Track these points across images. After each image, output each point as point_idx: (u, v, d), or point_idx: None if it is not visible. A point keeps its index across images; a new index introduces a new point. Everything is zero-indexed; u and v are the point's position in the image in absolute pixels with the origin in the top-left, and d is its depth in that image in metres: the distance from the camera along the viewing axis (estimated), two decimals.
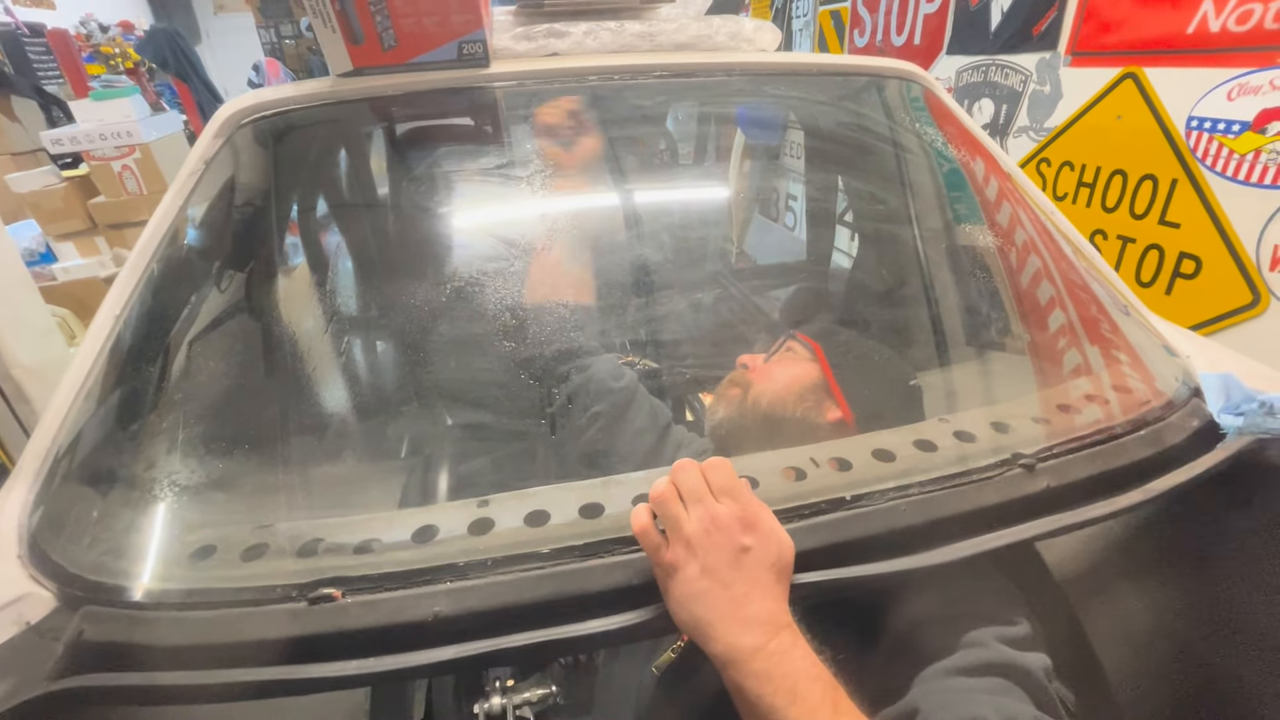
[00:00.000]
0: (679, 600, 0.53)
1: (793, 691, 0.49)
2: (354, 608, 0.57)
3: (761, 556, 0.54)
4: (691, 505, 0.55)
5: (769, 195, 3.74)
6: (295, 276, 1.06)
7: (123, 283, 0.87)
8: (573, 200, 1.19)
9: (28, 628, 0.60)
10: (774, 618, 0.52)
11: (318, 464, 0.80)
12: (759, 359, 0.95)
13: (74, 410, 0.77)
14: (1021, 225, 1.19)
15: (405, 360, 0.89)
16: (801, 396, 0.89)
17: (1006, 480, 0.69)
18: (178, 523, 0.69)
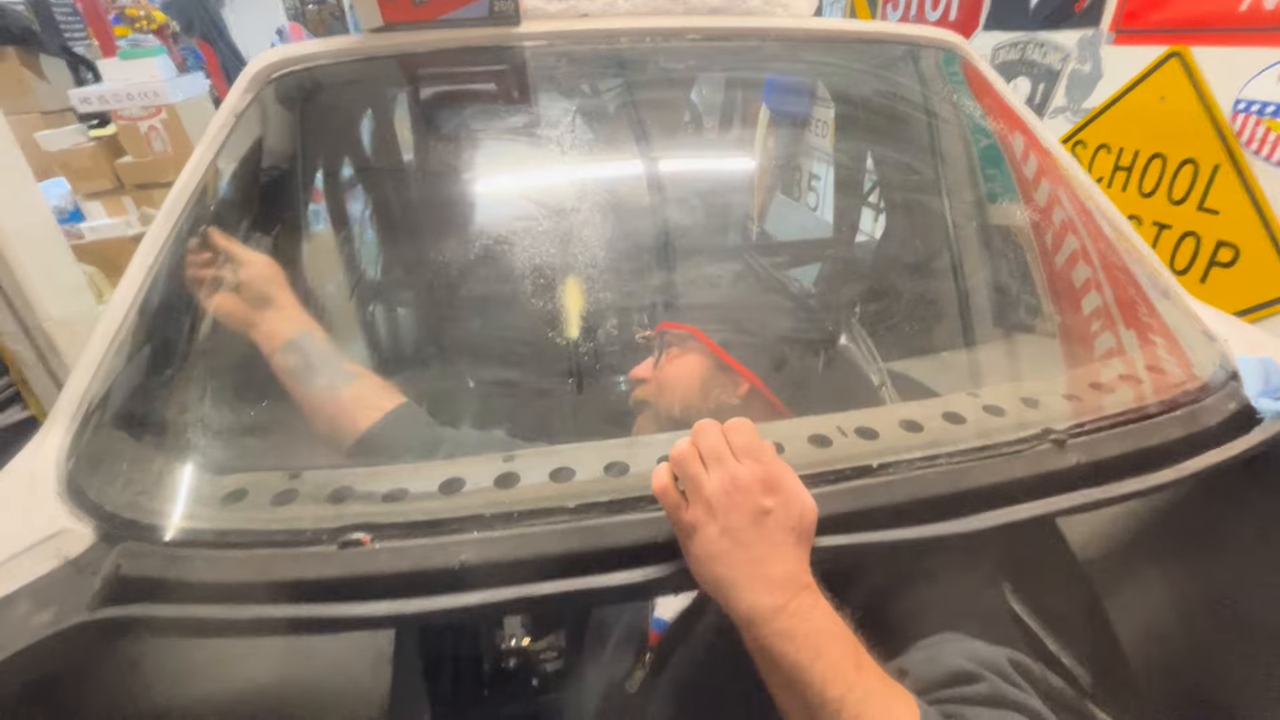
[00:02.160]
0: (700, 560, 0.54)
1: (816, 649, 0.49)
2: (382, 553, 0.58)
3: (783, 518, 0.54)
4: (712, 465, 0.55)
5: (792, 173, 3.68)
6: (324, 233, 1.06)
7: (155, 233, 0.88)
8: (596, 165, 1.18)
9: (66, 562, 0.62)
10: (795, 578, 0.52)
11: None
12: (648, 366, 0.89)
13: (108, 357, 0.79)
14: (1060, 204, 1.16)
15: (434, 317, 0.89)
16: (705, 387, 0.85)
17: (1036, 455, 0.68)
18: (209, 467, 0.70)
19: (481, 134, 1.19)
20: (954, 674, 0.55)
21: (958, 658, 0.56)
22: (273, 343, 0.81)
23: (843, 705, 0.47)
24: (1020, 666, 0.57)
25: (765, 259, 1.79)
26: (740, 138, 2.73)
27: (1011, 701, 0.53)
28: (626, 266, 0.98)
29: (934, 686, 0.55)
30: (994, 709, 0.53)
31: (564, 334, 0.85)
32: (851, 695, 0.48)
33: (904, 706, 0.49)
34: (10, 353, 1.83)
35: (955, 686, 0.54)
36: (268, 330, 0.81)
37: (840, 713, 0.47)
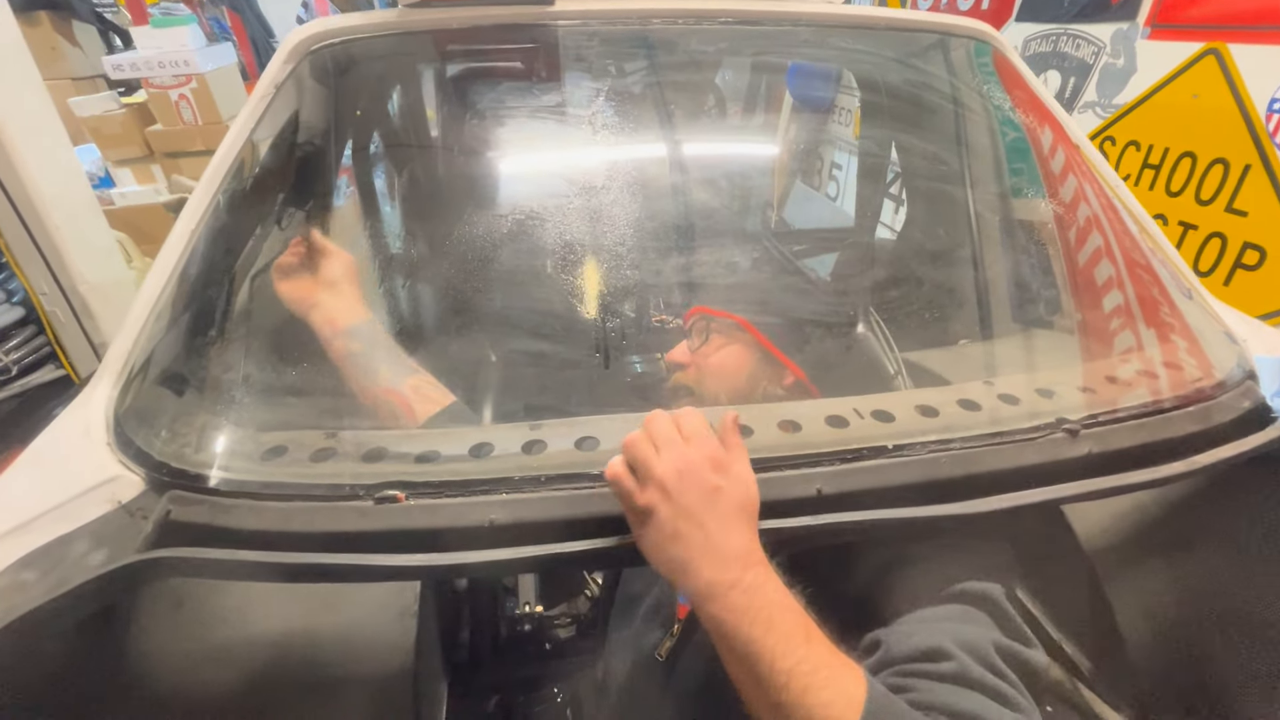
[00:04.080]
0: (656, 544, 0.55)
1: (768, 621, 0.51)
2: (416, 510, 0.61)
3: (731, 496, 0.55)
4: (663, 449, 0.56)
5: (813, 162, 3.65)
6: (358, 207, 1.09)
7: (199, 196, 0.91)
8: (622, 146, 1.19)
9: (119, 506, 0.66)
10: (747, 554, 0.54)
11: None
12: (684, 352, 0.90)
13: (152, 316, 0.82)
14: (1086, 201, 1.16)
15: (464, 290, 0.92)
16: (754, 379, 0.87)
17: (1049, 443, 0.70)
18: (250, 424, 0.74)
19: (512, 111, 1.21)
20: (926, 650, 0.55)
21: (937, 636, 0.56)
22: (335, 326, 0.84)
23: (791, 677, 0.49)
24: (1007, 653, 0.57)
25: (786, 246, 1.80)
26: (763, 123, 2.72)
27: (976, 682, 0.53)
28: (650, 246, 1.00)
29: (903, 660, 0.56)
30: (954, 687, 0.53)
31: (589, 310, 0.87)
32: (800, 667, 0.49)
33: (853, 679, 0.50)
34: (47, 313, 1.88)
35: (924, 662, 0.55)
36: (331, 315, 0.85)
37: (788, 685, 0.49)
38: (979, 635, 0.57)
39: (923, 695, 0.52)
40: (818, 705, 0.48)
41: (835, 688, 0.49)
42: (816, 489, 0.64)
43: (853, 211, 2.07)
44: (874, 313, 1.34)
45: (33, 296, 1.87)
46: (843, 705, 0.48)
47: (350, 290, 0.88)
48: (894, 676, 0.55)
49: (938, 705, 0.51)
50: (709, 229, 1.21)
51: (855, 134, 3.10)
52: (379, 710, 0.72)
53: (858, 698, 0.49)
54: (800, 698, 0.48)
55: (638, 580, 0.93)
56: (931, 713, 0.51)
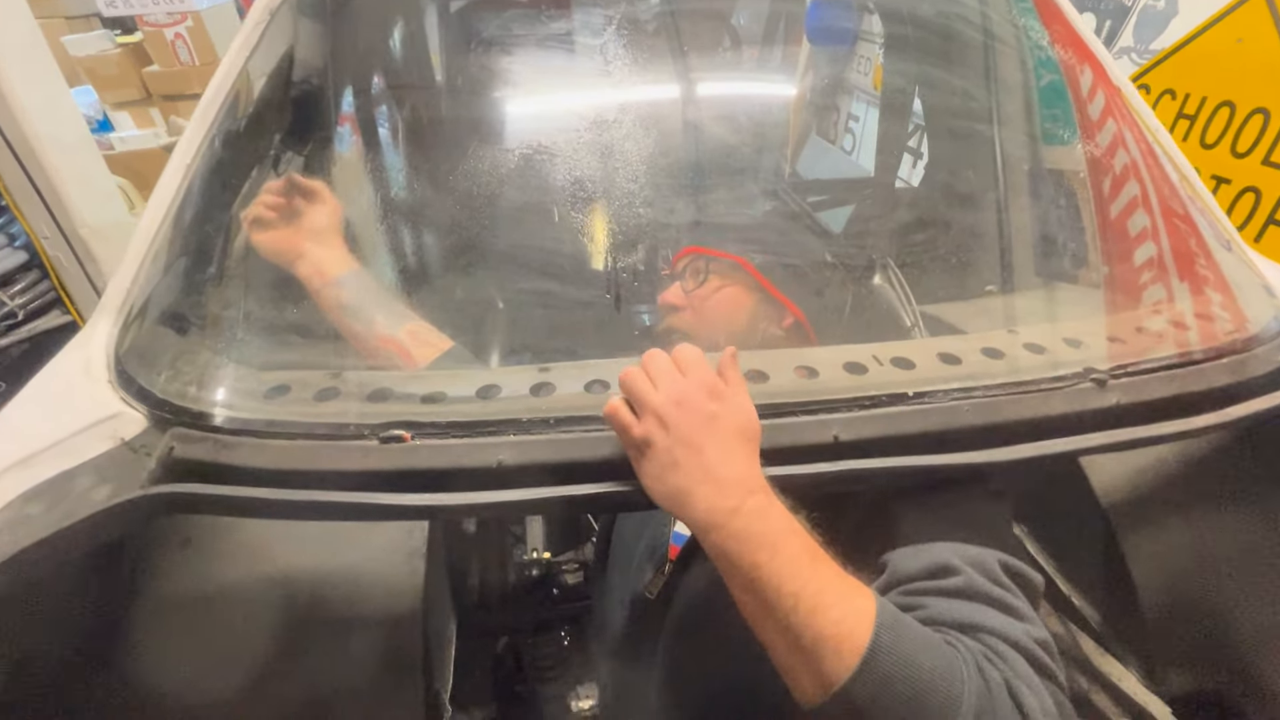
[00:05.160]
0: (655, 475, 0.54)
1: (772, 547, 0.50)
2: (423, 450, 0.59)
3: (729, 422, 0.54)
4: (659, 381, 0.55)
5: (829, 114, 3.52)
6: (357, 141, 1.05)
7: (194, 129, 0.87)
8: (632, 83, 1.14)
9: (122, 443, 0.64)
10: (747, 480, 0.53)
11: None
12: (678, 294, 0.86)
13: (151, 255, 0.80)
14: (1125, 147, 1.10)
15: (468, 228, 0.89)
16: (753, 320, 0.85)
17: (1076, 392, 0.67)
18: (253, 363, 0.72)
19: (518, 42, 1.15)
20: (933, 567, 0.55)
21: (944, 553, 0.56)
22: (325, 277, 0.81)
23: (799, 599, 0.48)
24: (1011, 570, 0.56)
25: (800, 196, 1.75)
26: (780, 69, 2.61)
27: (982, 594, 0.53)
28: (657, 187, 0.95)
29: (909, 579, 0.55)
30: (964, 600, 0.53)
31: (595, 251, 0.84)
32: (808, 589, 0.48)
33: (862, 598, 0.49)
34: (50, 258, 1.87)
35: (930, 580, 0.55)
36: (319, 265, 0.81)
37: (797, 607, 0.48)
38: (984, 553, 0.56)
39: (931, 612, 0.52)
40: (828, 624, 0.47)
41: (844, 607, 0.48)
42: (833, 435, 0.62)
43: (869, 166, 2.00)
44: (891, 263, 1.30)
45: (34, 240, 1.85)
46: (852, 624, 0.47)
47: (337, 238, 0.84)
48: (901, 595, 0.54)
49: (946, 620, 0.51)
50: (719, 173, 1.16)
51: (875, 84, 2.98)
52: (388, 649, 0.72)
53: (867, 616, 0.48)
54: (809, 618, 0.47)
55: (632, 527, 0.93)
56: (940, 628, 0.50)
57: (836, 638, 0.47)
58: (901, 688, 0.46)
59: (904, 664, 0.47)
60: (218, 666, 0.72)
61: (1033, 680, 0.50)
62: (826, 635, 0.47)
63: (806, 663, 0.48)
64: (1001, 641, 0.51)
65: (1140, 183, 1.10)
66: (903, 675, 0.46)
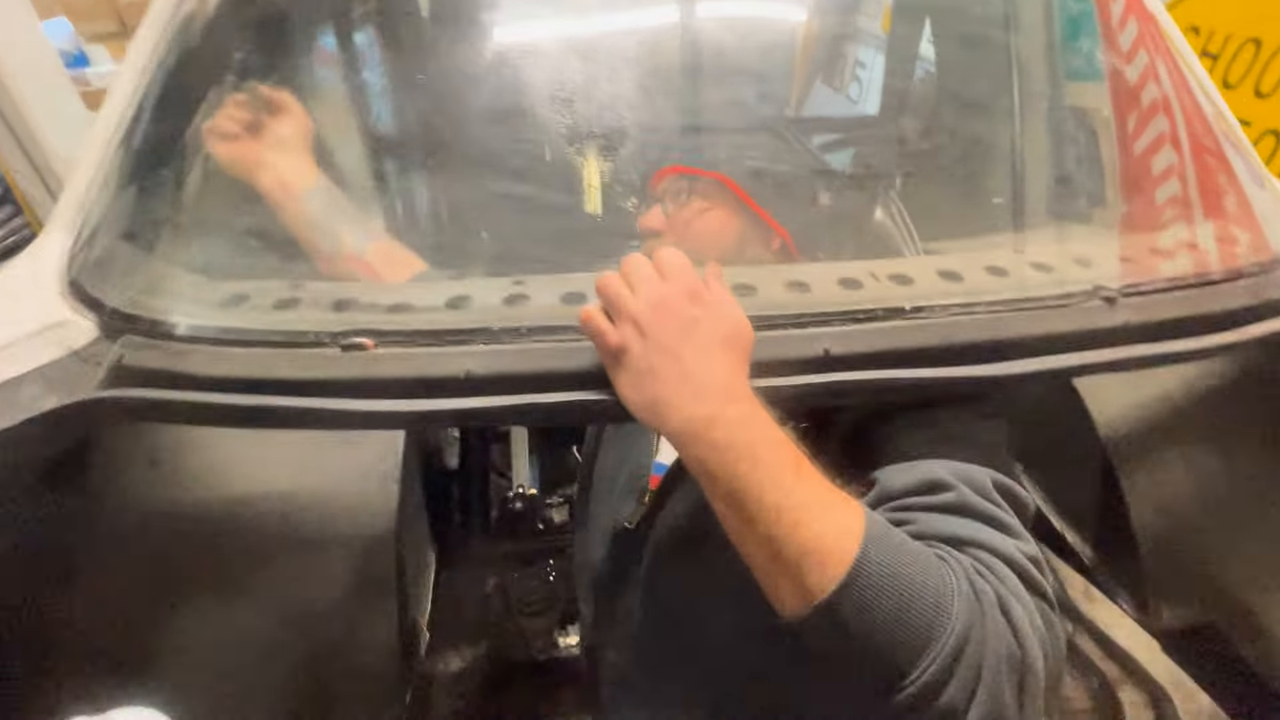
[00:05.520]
0: (630, 384, 0.51)
1: (754, 457, 0.47)
2: (387, 358, 0.56)
3: (711, 327, 0.51)
4: (638, 286, 0.52)
5: (835, 60, 3.39)
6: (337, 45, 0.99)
7: (149, 30, 0.81)
8: None
9: (70, 352, 0.61)
10: (729, 388, 0.50)
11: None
12: (658, 218, 0.81)
13: (106, 163, 0.75)
14: (1156, 80, 1.03)
15: (444, 125, 0.83)
16: (741, 243, 0.80)
17: (1083, 310, 0.63)
18: (208, 272, 0.68)
19: None
20: (925, 483, 0.53)
21: (935, 469, 0.54)
22: (288, 190, 0.76)
23: (782, 511, 0.45)
24: (1003, 488, 0.54)
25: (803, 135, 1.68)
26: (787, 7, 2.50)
27: (974, 510, 0.51)
28: (644, 100, 0.89)
29: (899, 495, 0.54)
30: (957, 516, 0.51)
31: (574, 161, 0.79)
32: (791, 500, 0.46)
33: (848, 511, 0.47)
34: (23, 193, 1.80)
35: (921, 495, 0.53)
36: (282, 176, 0.76)
37: (780, 519, 0.45)
38: (976, 470, 0.54)
39: (921, 526, 0.50)
40: (811, 536, 0.45)
41: (829, 519, 0.46)
42: (824, 349, 0.58)
43: (879, 91, 1.90)
44: (894, 197, 1.25)
45: (7, 175, 1.79)
46: (836, 536, 0.45)
47: (302, 151, 0.79)
48: (891, 512, 0.52)
49: (936, 534, 0.49)
50: (713, 96, 1.10)
51: (885, 28, 2.86)
52: (359, 572, 0.70)
53: (854, 529, 0.45)
54: (792, 531, 0.45)
55: (613, 458, 0.91)
56: (930, 542, 0.48)
57: (820, 550, 0.45)
58: (888, 600, 0.44)
59: (891, 577, 0.44)
60: (183, 589, 0.70)
61: (1023, 595, 0.48)
62: (810, 548, 0.45)
63: (789, 575, 0.46)
64: (992, 556, 0.49)
65: (1170, 118, 1.03)
66: (890, 587, 0.44)
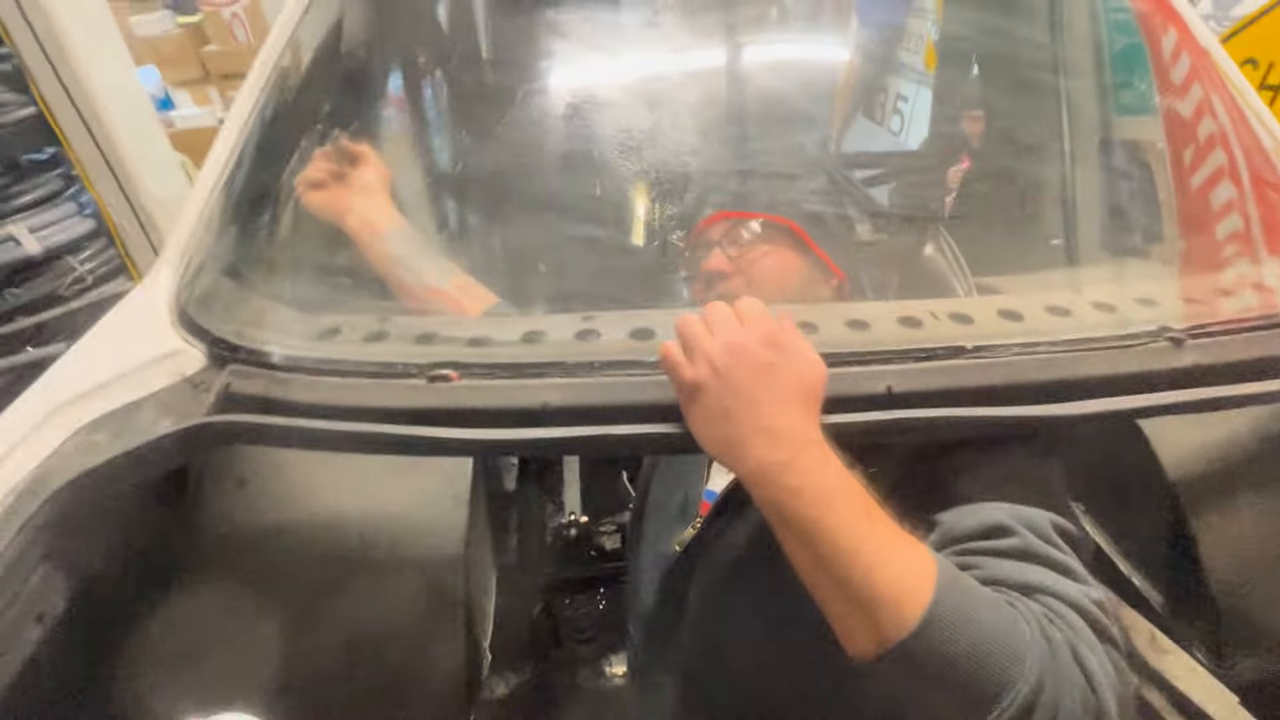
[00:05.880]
0: (703, 422, 0.53)
1: (826, 502, 0.49)
2: (469, 389, 0.60)
3: (786, 372, 0.53)
4: (716, 328, 0.54)
5: (876, 94, 3.42)
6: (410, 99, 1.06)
7: (247, 92, 0.89)
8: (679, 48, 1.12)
9: (183, 379, 0.67)
10: (803, 433, 0.51)
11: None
12: (723, 262, 0.83)
13: (211, 202, 0.82)
14: (1212, 114, 1.03)
15: (518, 180, 0.89)
16: (805, 284, 0.83)
17: (1149, 351, 0.63)
18: (304, 306, 0.74)
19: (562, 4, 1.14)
20: (987, 527, 0.54)
21: (996, 513, 0.55)
22: (374, 230, 0.83)
23: (856, 555, 0.47)
24: (1061, 529, 0.55)
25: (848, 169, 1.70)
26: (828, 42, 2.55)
27: (1039, 555, 0.52)
28: (699, 145, 0.94)
29: (963, 539, 0.54)
30: (1020, 562, 0.51)
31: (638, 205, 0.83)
32: (864, 545, 0.47)
33: (920, 557, 0.48)
34: (117, 226, 1.95)
35: (985, 539, 0.53)
36: (368, 219, 0.83)
37: (854, 562, 0.47)
38: (1036, 513, 0.55)
39: (988, 572, 0.51)
40: (885, 583, 0.46)
41: (902, 564, 0.47)
42: (886, 386, 0.59)
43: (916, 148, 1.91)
44: (944, 232, 1.25)
45: (103, 209, 1.94)
46: (911, 582, 0.46)
47: (384, 196, 0.86)
48: (955, 555, 0.53)
49: (1004, 580, 0.50)
50: (761, 138, 1.14)
51: (926, 62, 2.88)
52: (431, 592, 0.73)
53: (927, 574, 0.47)
54: (867, 574, 0.46)
55: (666, 484, 0.92)
56: (999, 588, 0.49)
57: (896, 595, 0.46)
58: (962, 646, 0.45)
59: (966, 622, 0.45)
60: (267, 602, 0.74)
61: (1094, 643, 0.48)
62: (884, 593, 0.46)
63: (862, 618, 0.48)
64: (1061, 602, 0.49)
65: (1228, 152, 1.03)
66: (964, 633, 0.45)
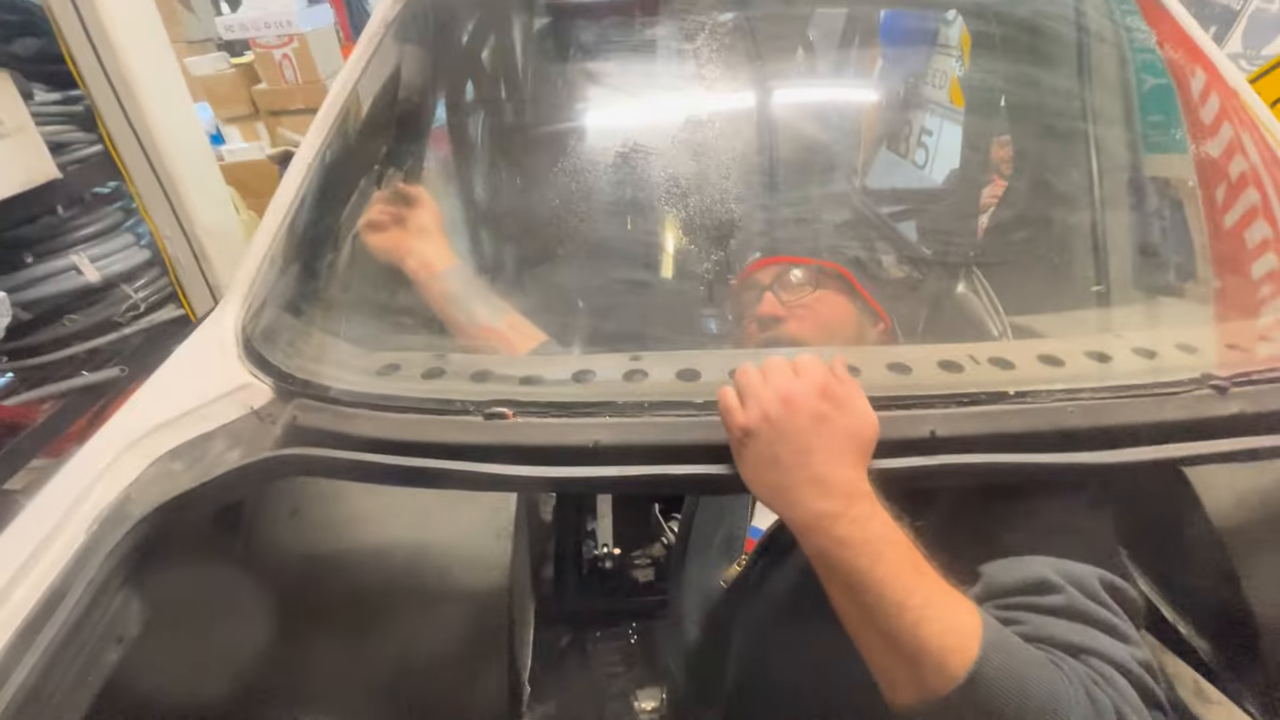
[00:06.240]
0: (753, 467, 0.54)
1: (875, 554, 0.49)
2: (524, 426, 0.62)
3: (840, 425, 0.54)
4: (771, 377, 0.56)
5: (900, 127, 3.46)
6: (454, 148, 1.11)
7: (312, 138, 0.95)
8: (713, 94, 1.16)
9: (251, 411, 0.70)
10: (853, 485, 0.52)
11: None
12: (775, 306, 0.86)
13: (276, 241, 0.87)
14: (1243, 153, 1.04)
15: (565, 224, 0.93)
16: (859, 328, 0.86)
17: (1192, 399, 0.64)
18: (364, 343, 0.77)
19: (599, 55, 1.19)
20: (1032, 582, 0.54)
21: (1040, 568, 0.54)
22: (430, 271, 0.87)
23: (903, 609, 0.48)
24: (1113, 587, 0.54)
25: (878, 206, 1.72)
26: (854, 79, 2.60)
27: (1085, 614, 0.51)
28: (734, 191, 0.97)
29: (1007, 593, 0.54)
30: (1066, 620, 0.51)
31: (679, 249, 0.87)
32: (911, 599, 0.48)
33: (966, 612, 0.48)
34: (170, 256, 2.04)
35: (1030, 595, 0.53)
36: (425, 260, 0.87)
37: (900, 616, 0.47)
38: (1085, 570, 0.55)
39: (1033, 629, 0.51)
40: (931, 637, 0.47)
41: (948, 619, 0.48)
42: (930, 430, 0.61)
43: (941, 181, 1.93)
44: (977, 272, 1.26)
45: (158, 240, 2.03)
46: (957, 638, 0.47)
47: (440, 237, 0.90)
48: (999, 610, 0.53)
49: (1050, 639, 0.50)
50: (795, 181, 1.17)
51: (952, 97, 2.92)
52: (475, 623, 0.75)
53: (973, 631, 0.47)
54: (913, 629, 0.47)
55: (710, 519, 0.93)
56: (1044, 647, 0.49)
57: (941, 650, 0.47)
58: (1006, 704, 0.45)
59: (1010, 680, 0.46)
60: (317, 628, 0.76)
61: (1140, 707, 0.48)
62: (930, 647, 0.47)
63: (906, 670, 0.48)
64: (1107, 664, 0.49)
65: (1261, 190, 1.03)
66: (1008, 692, 0.46)
